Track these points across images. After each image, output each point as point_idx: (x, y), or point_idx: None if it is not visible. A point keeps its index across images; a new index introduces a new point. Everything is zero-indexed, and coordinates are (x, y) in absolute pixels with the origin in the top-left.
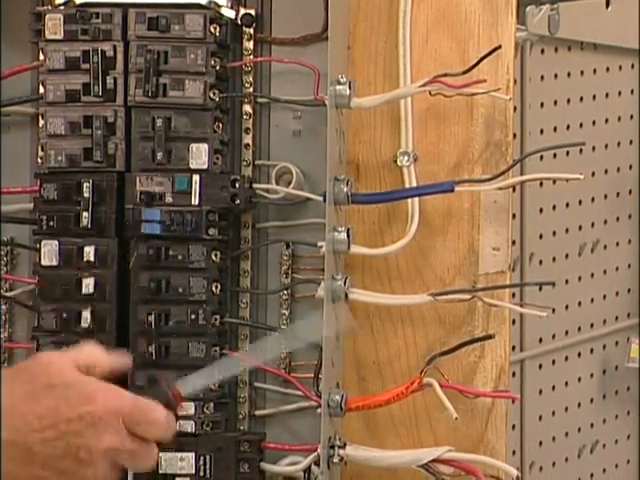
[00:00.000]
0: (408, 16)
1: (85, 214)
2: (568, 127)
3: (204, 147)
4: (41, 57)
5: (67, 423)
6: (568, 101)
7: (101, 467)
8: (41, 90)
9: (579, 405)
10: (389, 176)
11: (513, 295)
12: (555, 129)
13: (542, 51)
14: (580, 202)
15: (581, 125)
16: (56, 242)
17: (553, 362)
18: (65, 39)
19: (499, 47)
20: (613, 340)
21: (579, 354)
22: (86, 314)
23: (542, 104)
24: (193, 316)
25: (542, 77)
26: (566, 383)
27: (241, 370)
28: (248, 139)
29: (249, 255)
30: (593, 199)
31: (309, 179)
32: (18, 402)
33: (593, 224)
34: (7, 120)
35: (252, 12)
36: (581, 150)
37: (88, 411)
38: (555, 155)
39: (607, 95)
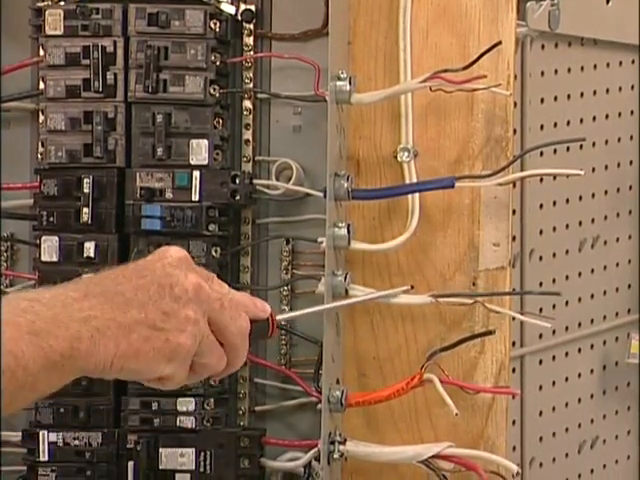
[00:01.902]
0: (408, 11)
1: (85, 210)
2: (568, 123)
3: (204, 143)
4: (41, 53)
5: (153, 271)
6: (568, 97)
7: (192, 332)
8: (41, 86)
9: (579, 401)
10: (389, 172)
11: (513, 295)
12: (555, 125)
13: (542, 47)
14: (580, 198)
15: (581, 121)
16: (56, 238)
17: (553, 358)
18: (65, 35)
19: (499, 43)
20: (613, 336)
21: (579, 350)
22: None
23: (542, 100)
24: None
25: (542, 73)
26: (566, 379)
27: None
28: (248, 135)
29: (249, 251)
30: (593, 195)
31: (309, 175)
32: (96, 275)
33: (593, 220)
34: (7, 116)
35: (252, 8)
36: (581, 146)
37: (175, 273)
38: (555, 151)
39: (607, 91)
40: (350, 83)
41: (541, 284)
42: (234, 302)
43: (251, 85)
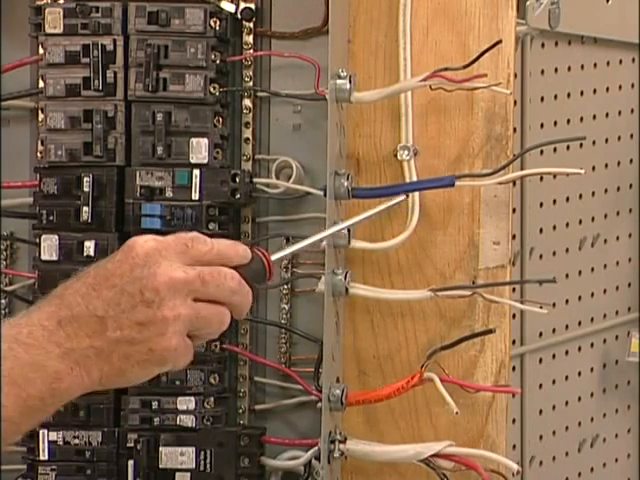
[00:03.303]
0: (408, 9)
1: (85, 209)
2: (568, 121)
3: (204, 141)
4: (41, 51)
5: (120, 277)
6: (568, 95)
7: (174, 331)
8: (41, 84)
9: (579, 399)
10: (389, 170)
11: (513, 290)
12: (555, 123)
13: (542, 45)
14: (580, 196)
15: (581, 119)
16: (56, 237)
17: (553, 356)
18: (65, 33)
19: (500, 41)
20: (613, 334)
21: (579, 348)
22: None
23: (542, 98)
24: None
25: (542, 71)
26: (566, 377)
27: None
28: (248, 133)
29: None
30: (593, 193)
31: (309, 173)
32: (68, 284)
33: (593, 218)
34: (7, 114)
35: (252, 6)
36: (581, 144)
37: (143, 275)
38: (555, 149)
39: (607, 89)
40: (350, 81)
41: (541, 284)
42: (217, 260)
43: (251, 83)
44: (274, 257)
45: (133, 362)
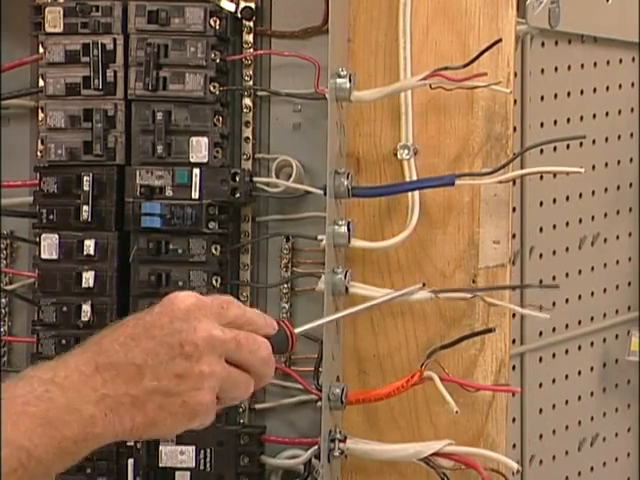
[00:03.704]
0: (408, 9)
1: (85, 207)
2: (568, 120)
3: (204, 140)
4: (41, 50)
5: (161, 329)
6: (568, 94)
7: (209, 387)
8: (41, 83)
9: (579, 398)
10: (389, 169)
11: (513, 289)
12: (555, 122)
13: (542, 44)
14: (580, 195)
15: (581, 118)
16: (56, 235)
17: (553, 355)
18: (65, 32)
19: (499, 40)
20: (613, 333)
21: (579, 347)
22: (86, 308)
23: (542, 97)
24: None
25: (542, 70)
26: (566, 376)
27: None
28: (248, 132)
29: (249, 248)
30: (593, 192)
31: (309, 172)
32: (104, 333)
33: (593, 217)
34: (7, 113)
35: (252, 5)
36: (581, 143)
37: (183, 328)
38: (555, 148)
39: (607, 88)
40: (350, 80)
41: (541, 281)
42: (248, 326)
43: (251, 83)
44: (298, 330)
45: (166, 414)
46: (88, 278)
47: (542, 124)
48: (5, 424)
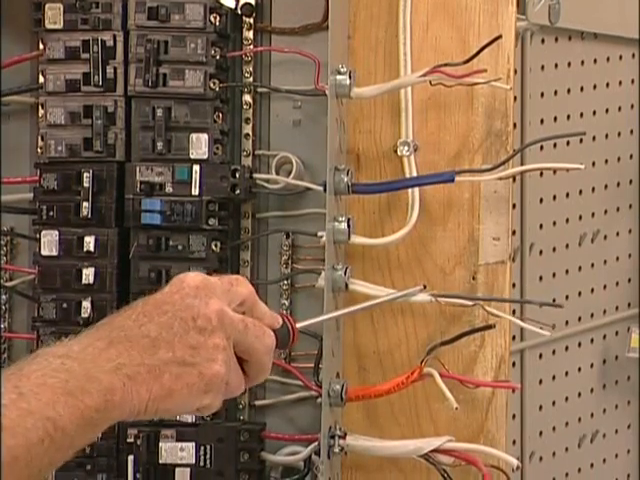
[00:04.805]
0: (408, 5)
1: (85, 204)
2: (568, 117)
3: (204, 137)
4: (41, 47)
5: (172, 305)
6: (568, 91)
7: (223, 360)
8: (41, 80)
9: (579, 395)
10: (389, 166)
11: (513, 285)
12: (555, 119)
13: (542, 41)
14: (580, 192)
15: (581, 115)
16: (56, 232)
17: (553, 352)
18: (65, 29)
19: (499, 37)
20: (613, 330)
21: (579, 344)
22: (86, 304)
23: (542, 94)
24: None
25: (542, 67)
26: (566, 373)
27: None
28: (248, 129)
29: (249, 245)
30: (593, 189)
31: (309, 169)
32: (114, 315)
33: (593, 214)
34: (7, 109)
35: (252, 1)
36: (581, 140)
37: (194, 304)
38: (555, 145)
39: (607, 85)
40: (350, 77)
41: (541, 278)
42: (257, 312)
43: (251, 79)
44: (299, 325)
45: (183, 384)
46: (88, 274)
47: (542, 121)
48: (27, 397)
